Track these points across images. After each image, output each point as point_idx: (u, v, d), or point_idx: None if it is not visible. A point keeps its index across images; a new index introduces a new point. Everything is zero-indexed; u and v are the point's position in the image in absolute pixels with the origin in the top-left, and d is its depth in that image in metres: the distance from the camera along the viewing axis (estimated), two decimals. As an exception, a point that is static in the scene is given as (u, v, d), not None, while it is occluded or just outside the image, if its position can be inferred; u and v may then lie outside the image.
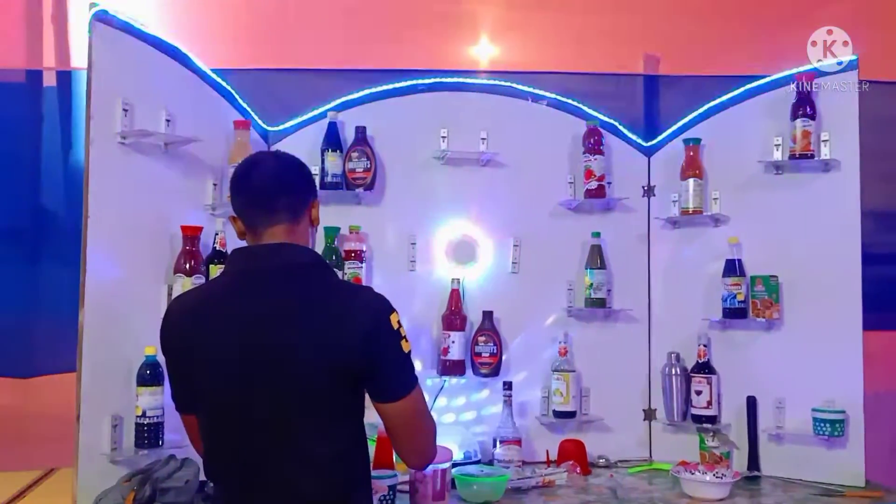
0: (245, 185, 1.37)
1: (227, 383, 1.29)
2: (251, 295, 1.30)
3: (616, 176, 2.50)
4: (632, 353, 2.50)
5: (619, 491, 2.06)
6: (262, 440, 1.28)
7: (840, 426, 2.12)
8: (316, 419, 1.27)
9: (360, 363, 1.26)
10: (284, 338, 1.26)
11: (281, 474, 1.27)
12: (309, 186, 1.43)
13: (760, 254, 2.30)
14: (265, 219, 1.35)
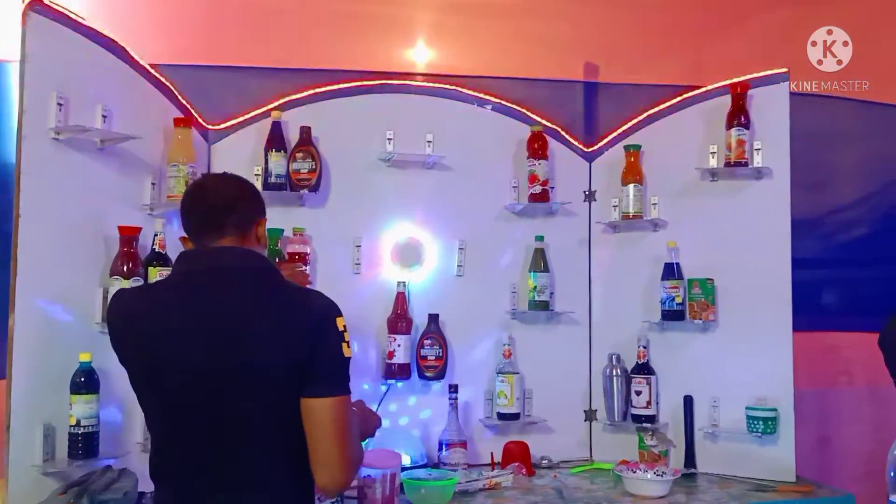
0: (194, 206, 1.42)
1: (184, 380, 1.29)
2: (204, 293, 1.33)
3: (559, 181, 2.54)
4: (573, 354, 2.54)
5: (565, 491, 2.09)
6: (220, 436, 1.29)
7: (772, 423, 2.21)
8: (272, 414, 1.29)
9: (304, 357, 1.28)
10: (240, 334, 1.28)
11: (236, 470, 1.29)
12: (255, 205, 1.46)
13: (697, 257, 2.37)
14: (213, 237, 1.39)
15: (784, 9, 2.98)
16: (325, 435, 1.29)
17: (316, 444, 1.30)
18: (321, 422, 1.29)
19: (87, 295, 1.87)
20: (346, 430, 1.32)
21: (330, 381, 1.30)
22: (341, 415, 1.31)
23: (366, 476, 1.83)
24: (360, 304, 2.36)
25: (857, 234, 3.18)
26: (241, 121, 2.34)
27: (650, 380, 2.38)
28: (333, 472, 1.31)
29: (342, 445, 1.31)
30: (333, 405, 1.30)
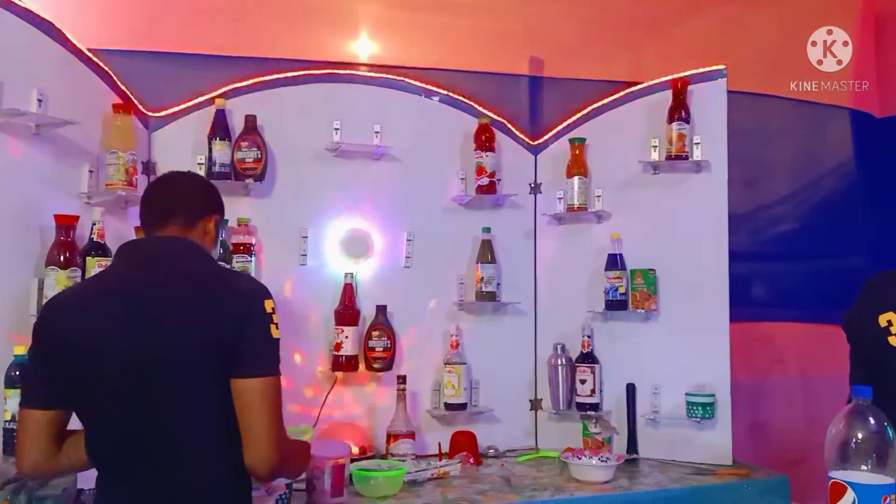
0: (147, 197, 1.47)
1: (110, 366, 1.29)
2: (138, 280, 1.34)
3: (505, 173, 2.56)
4: (520, 344, 2.57)
5: (512, 479, 2.12)
6: (149, 421, 1.29)
7: (710, 408, 2.29)
8: (200, 398, 1.30)
9: (230, 338, 1.29)
10: (165, 316, 1.30)
11: (168, 456, 1.30)
12: (206, 201, 1.49)
13: (640, 249, 2.43)
14: (158, 227, 1.42)
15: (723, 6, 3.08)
16: (255, 415, 1.30)
17: (246, 425, 1.30)
18: (251, 402, 1.30)
19: (21, 285, 1.81)
20: (277, 410, 1.33)
21: (259, 361, 1.31)
22: (271, 395, 1.31)
23: (314, 467, 1.82)
24: (307, 296, 2.35)
25: (785, 229, 3.30)
26: (183, 108, 2.28)
27: (594, 368, 2.43)
28: (262, 449, 1.30)
29: (272, 424, 1.31)
30: (263, 385, 1.30)
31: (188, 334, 1.29)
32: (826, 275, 3.31)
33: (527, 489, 2.04)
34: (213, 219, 1.48)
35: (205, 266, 1.39)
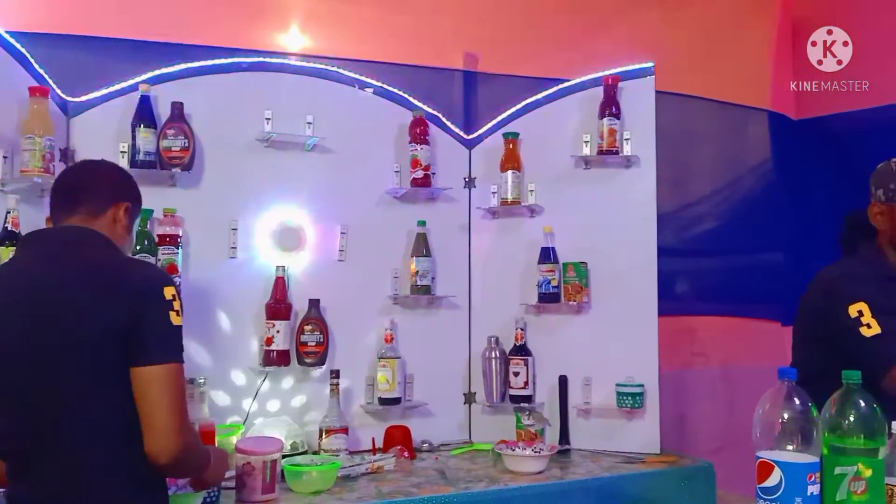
0: (55, 186, 1.46)
1: (14, 364, 1.29)
2: (37, 273, 1.33)
3: (440, 167, 2.55)
4: (454, 338, 2.57)
5: (447, 472, 2.11)
6: (46, 412, 1.28)
7: (640, 398, 2.34)
8: (97, 388, 1.29)
9: (129, 327, 1.28)
10: (62, 304, 1.29)
11: (74, 447, 1.28)
12: (116, 189, 1.48)
13: (572, 242, 2.47)
14: (64, 216, 1.41)
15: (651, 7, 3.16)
16: (155, 403, 1.28)
17: (147, 413, 1.28)
18: (151, 390, 1.28)
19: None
20: (179, 398, 1.31)
21: (158, 348, 1.30)
22: (173, 382, 1.30)
23: (245, 463, 1.77)
24: (237, 290, 2.28)
25: (708, 227, 3.41)
26: (105, 93, 2.18)
27: (527, 361, 2.45)
28: (162, 437, 1.28)
29: (174, 412, 1.29)
30: (164, 373, 1.29)
31: (84, 326, 1.27)
32: (745, 271, 3.44)
33: (461, 481, 2.03)
34: (122, 206, 1.45)
35: (105, 255, 1.38)
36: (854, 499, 1.19)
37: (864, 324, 1.49)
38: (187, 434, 1.32)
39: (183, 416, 1.31)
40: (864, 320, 1.49)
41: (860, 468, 1.20)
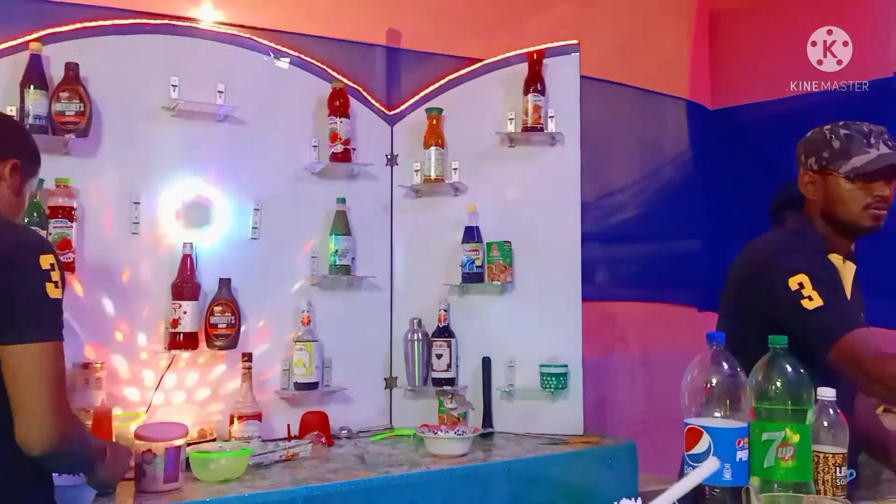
0: None
1: None
2: None
3: (360, 143, 2.45)
4: (375, 321, 2.48)
5: (367, 457, 2.02)
6: None
7: (564, 379, 2.31)
8: None
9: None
10: None
11: None
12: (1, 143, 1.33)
13: (496, 221, 2.41)
14: None
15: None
16: (27, 386, 1.14)
17: (18, 396, 1.14)
18: (23, 370, 1.14)
19: None
20: (56, 379, 1.17)
21: (31, 324, 1.16)
22: (48, 364, 1.16)
23: (145, 451, 1.63)
24: (140, 268, 2.12)
25: (627, 215, 3.44)
26: (-10, 51, 1.98)
27: (450, 343, 2.38)
28: (36, 423, 1.14)
29: (50, 395, 1.15)
30: (38, 353, 1.15)
31: None
32: (664, 257, 3.49)
33: (381, 466, 1.95)
34: (9, 163, 1.30)
35: None
36: (782, 465, 1.17)
37: (805, 296, 1.45)
38: (66, 422, 1.18)
39: (60, 401, 1.16)
40: (804, 292, 1.45)
41: (787, 433, 1.17)
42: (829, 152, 1.56)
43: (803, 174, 1.62)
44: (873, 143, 1.53)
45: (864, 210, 1.54)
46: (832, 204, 1.57)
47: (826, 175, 1.57)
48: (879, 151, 1.52)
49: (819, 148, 1.58)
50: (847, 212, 1.55)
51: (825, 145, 1.57)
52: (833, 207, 1.57)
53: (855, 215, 1.55)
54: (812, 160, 1.59)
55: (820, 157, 1.58)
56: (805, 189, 1.61)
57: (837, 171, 1.55)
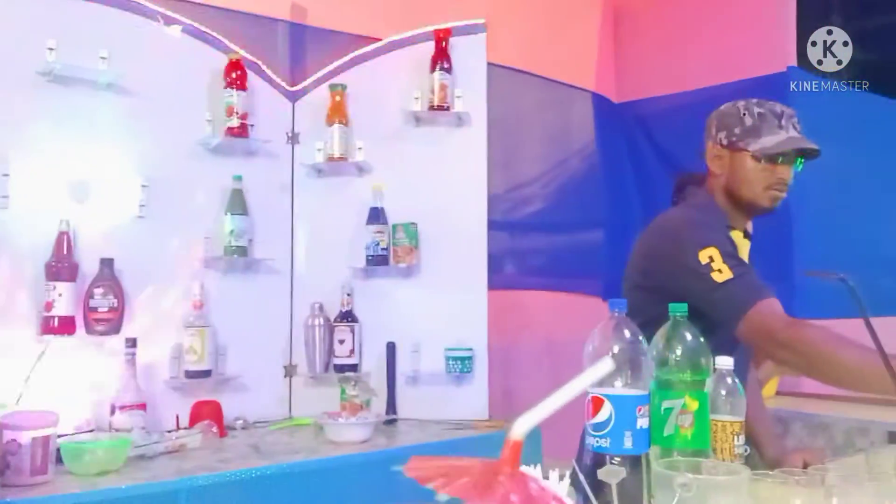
0: None
1: None
2: None
3: (259, 119, 2.34)
4: (274, 306, 2.37)
5: (262, 446, 1.91)
6: None
7: (469, 362, 2.27)
8: None
9: None
10: None
11: None
12: None
13: (402, 203, 2.35)
14: None
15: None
16: None
17: None
18: None
19: None
20: None
21: None
22: None
23: (9, 441, 1.47)
24: (9, 247, 1.93)
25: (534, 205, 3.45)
26: None
27: (353, 328, 2.30)
28: None
29: None
30: None
31: None
32: (569, 248, 3.52)
33: (278, 454, 1.84)
34: None
35: None
36: (681, 433, 1.16)
37: (715, 269, 1.45)
38: None
39: None
40: (714, 266, 1.45)
41: (686, 401, 1.16)
42: (741, 129, 1.56)
43: (711, 147, 1.61)
44: (784, 124, 1.54)
45: (765, 190, 1.55)
46: (736, 181, 1.58)
47: (734, 151, 1.57)
48: (789, 134, 1.53)
49: (731, 123, 1.58)
50: (749, 190, 1.56)
51: (738, 121, 1.57)
52: (737, 184, 1.58)
53: (756, 195, 1.56)
54: (723, 134, 1.59)
55: (731, 132, 1.57)
56: (711, 162, 1.61)
57: (746, 148, 1.55)
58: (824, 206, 3.03)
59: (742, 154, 1.56)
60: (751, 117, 1.56)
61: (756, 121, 1.56)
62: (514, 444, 0.40)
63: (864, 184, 3.24)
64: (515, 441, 0.40)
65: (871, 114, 3.41)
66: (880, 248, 3.24)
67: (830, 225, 3.02)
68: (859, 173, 3.22)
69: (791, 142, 1.53)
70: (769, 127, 1.54)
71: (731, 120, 1.58)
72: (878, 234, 3.19)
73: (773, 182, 1.55)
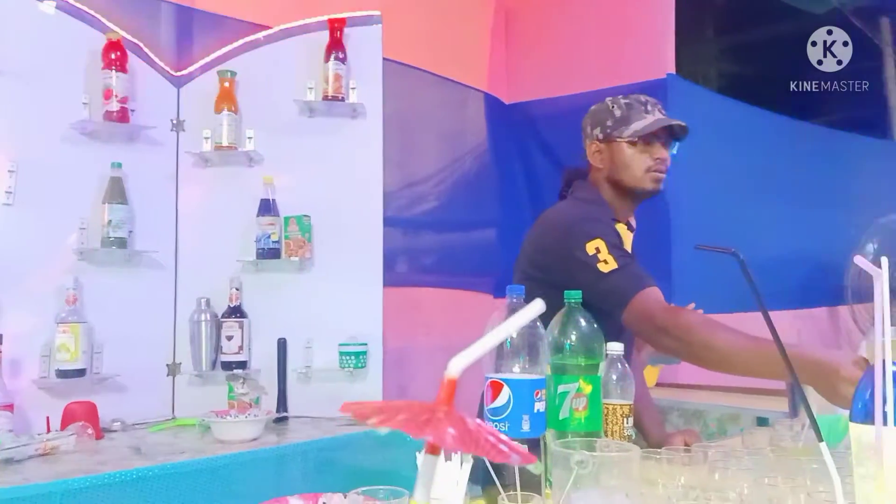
0: None
1: None
2: None
3: (141, 105, 2.22)
4: (156, 301, 2.25)
5: (143, 447, 1.81)
6: None
7: (363, 357, 2.24)
8: None
9: None
10: None
11: None
12: None
13: (294, 195, 2.29)
14: None
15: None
16: None
17: None
18: None
19: None
20: None
21: None
22: None
23: None
24: None
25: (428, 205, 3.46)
26: None
27: (242, 323, 2.22)
28: None
29: None
30: None
31: None
32: (461, 246, 3.56)
33: (160, 455, 1.75)
34: None
35: None
36: (575, 416, 1.19)
37: (601, 260, 1.51)
38: None
39: None
40: (601, 257, 1.51)
41: (581, 384, 1.20)
42: (612, 121, 1.67)
43: (590, 144, 1.71)
44: (650, 109, 1.66)
45: (645, 172, 1.65)
46: (617, 169, 1.67)
47: (610, 142, 1.67)
48: (656, 117, 1.65)
49: (603, 118, 1.68)
50: (631, 175, 1.65)
51: (608, 114, 1.68)
52: (618, 172, 1.67)
53: (637, 178, 1.65)
54: (597, 130, 1.69)
55: (604, 126, 1.68)
56: (592, 158, 1.70)
57: (620, 136, 1.65)
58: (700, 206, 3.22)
59: (618, 143, 1.66)
60: (619, 108, 1.68)
61: (624, 110, 1.67)
62: (450, 382, 0.40)
63: (737, 185, 3.47)
64: (451, 379, 0.40)
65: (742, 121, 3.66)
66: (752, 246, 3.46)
67: (706, 223, 3.21)
68: (733, 176, 3.44)
69: (659, 122, 1.64)
70: (637, 113, 1.65)
71: (603, 115, 1.69)
72: (750, 233, 3.42)
73: (651, 164, 1.65)
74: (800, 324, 4.01)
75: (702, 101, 3.54)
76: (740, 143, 3.58)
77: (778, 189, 3.69)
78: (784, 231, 3.74)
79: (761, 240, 3.53)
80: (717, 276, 2.09)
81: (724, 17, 4.07)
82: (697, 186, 3.14)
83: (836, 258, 3.87)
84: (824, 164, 4.03)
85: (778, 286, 3.83)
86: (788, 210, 3.74)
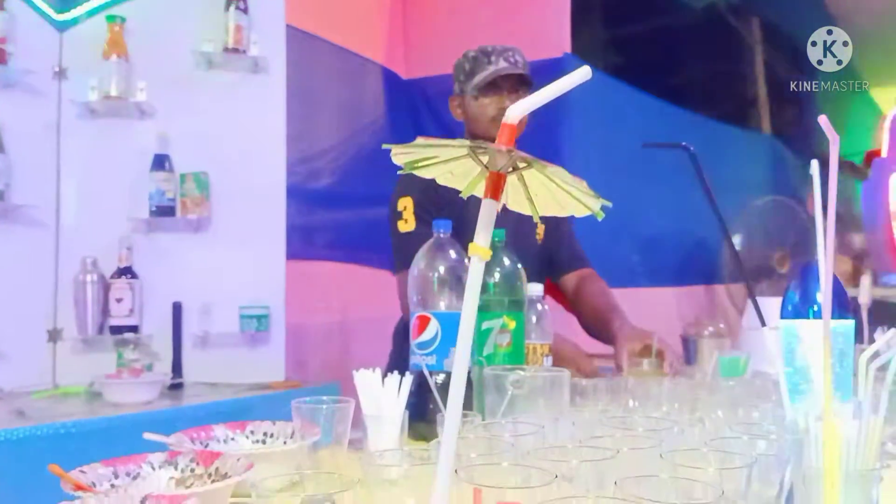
0: None
1: None
2: None
3: (20, 49, 2.04)
4: (34, 260, 2.08)
5: (29, 412, 1.66)
6: None
7: (265, 321, 2.16)
8: None
9: None
10: None
11: None
12: None
13: (192, 152, 2.18)
14: None
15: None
16: None
17: None
18: None
19: None
20: None
21: None
22: None
23: None
24: None
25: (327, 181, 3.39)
26: None
27: (133, 285, 2.09)
28: None
29: None
30: None
31: None
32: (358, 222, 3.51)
33: (47, 418, 1.61)
34: None
35: None
36: (500, 351, 1.20)
37: (403, 218, 1.55)
38: None
39: None
40: (405, 215, 1.56)
41: (505, 320, 1.21)
42: (463, 75, 1.72)
43: (451, 99, 1.76)
44: (493, 60, 1.69)
45: (491, 122, 1.69)
46: (469, 122, 1.73)
47: (463, 97, 1.73)
48: (497, 67, 1.68)
49: (458, 73, 1.74)
50: (479, 126, 1.71)
51: (461, 70, 1.73)
52: (471, 125, 1.73)
53: (485, 128, 1.70)
54: (456, 86, 1.75)
55: (459, 82, 1.74)
56: (454, 112, 1.78)
57: (467, 90, 1.71)
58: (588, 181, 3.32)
59: (467, 98, 1.72)
60: (468, 62, 1.72)
61: (471, 64, 1.71)
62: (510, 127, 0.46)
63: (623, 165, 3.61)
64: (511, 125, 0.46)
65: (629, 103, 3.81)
66: (635, 224, 3.63)
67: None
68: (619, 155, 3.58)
69: (496, 72, 1.68)
70: (480, 66, 1.70)
71: (457, 71, 1.75)
72: (634, 212, 3.57)
73: (496, 113, 1.69)
74: (679, 300, 4.24)
75: (594, 82, 3.65)
76: (627, 123, 3.73)
77: (659, 171, 3.88)
78: (664, 211, 3.93)
79: (643, 219, 3.70)
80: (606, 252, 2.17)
81: (616, 5, 4.23)
82: (586, 163, 3.24)
83: (712, 240, 4.12)
84: (701, 150, 4.27)
85: (658, 263, 4.04)
86: (668, 192, 3.94)
